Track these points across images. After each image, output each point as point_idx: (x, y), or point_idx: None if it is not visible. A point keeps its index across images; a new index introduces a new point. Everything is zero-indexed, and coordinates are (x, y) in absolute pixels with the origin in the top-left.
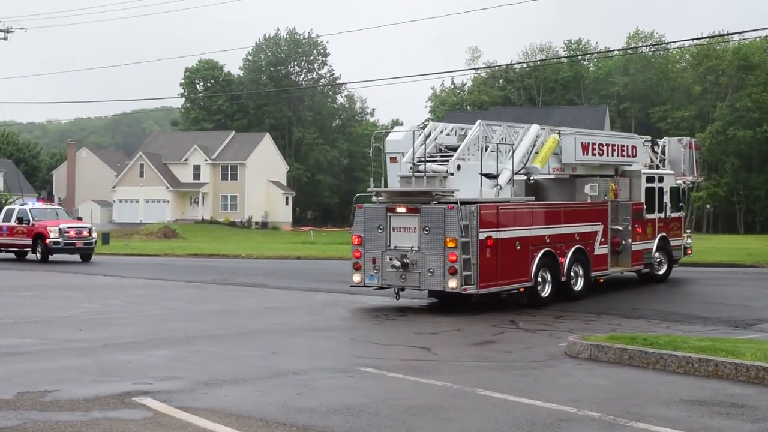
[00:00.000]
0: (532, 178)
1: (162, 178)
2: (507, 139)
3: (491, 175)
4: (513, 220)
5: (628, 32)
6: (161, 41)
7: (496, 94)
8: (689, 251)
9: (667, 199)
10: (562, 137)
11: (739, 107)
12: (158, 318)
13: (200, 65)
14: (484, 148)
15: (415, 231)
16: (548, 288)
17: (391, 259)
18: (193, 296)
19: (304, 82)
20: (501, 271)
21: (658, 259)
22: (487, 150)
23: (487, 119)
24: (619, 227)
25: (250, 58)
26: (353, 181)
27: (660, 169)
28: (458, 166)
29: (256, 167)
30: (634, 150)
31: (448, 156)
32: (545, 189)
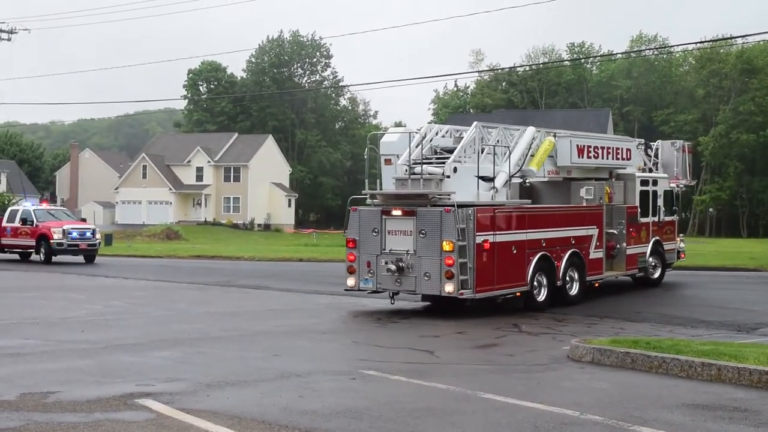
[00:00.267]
0: (528, 181)
1: (165, 180)
2: (503, 142)
3: (487, 178)
4: (510, 224)
5: (631, 35)
6: (164, 43)
7: (499, 97)
8: (682, 255)
9: (661, 202)
10: (557, 140)
11: (743, 111)
12: (161, 320)
13: (203, 67)
14: (480, 151)
15: (411, 234)
16: (544, 292)
17: (387, 263)
18: (195, 298)
19: (307, 84)
20: (497, 275)
21: (652, 263)
22: (484, 152)
23: (492, 122)
24: (614, 231)
25: (254, 59)
26: (356, 183)
27: (653, 172)
28: (454, 169)
29: (259, 169)
30: (629, 153)
31: (444, 158)
32: (539, 192)
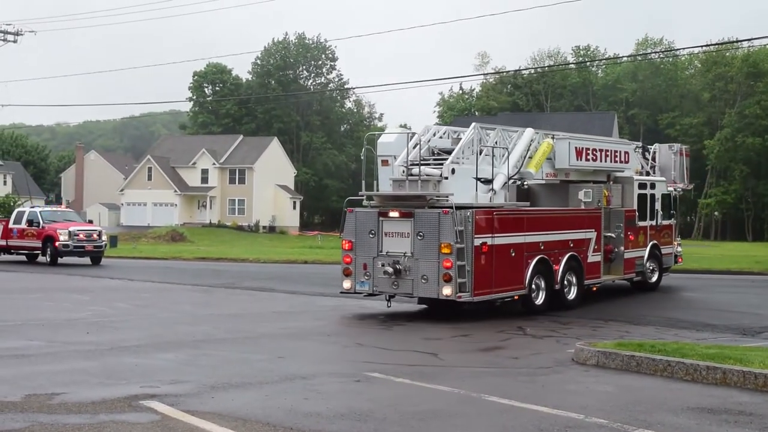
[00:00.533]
0: (526, 184)
1: (170, 182)
2: (501, 143)
3: (486, 180)
4: (508, 226)
5: (637, 38)
6: (170, 45)
7: (505, 100)
8: (680, 259)
9: (658, 206)
10: (556, 142)
11: (748, 114)
12: (165, 321)
13: (209, 69)
14: (479, 152)
15: (408, 236)
16: (542, 296)
17: (383, 265)
18: (200, 300)
19: (312, 87)
20: (496, 278)
21: (650, 268)
22: (482, 153)
23: (497, 124)
24: (612, 234)
25: (259, 62)
26: (361, 185)
27: (651, 175)
28: (452, 170)
29: (264, 171)
30: (627, 156)
31: (442, 159)
32: (537, 194)
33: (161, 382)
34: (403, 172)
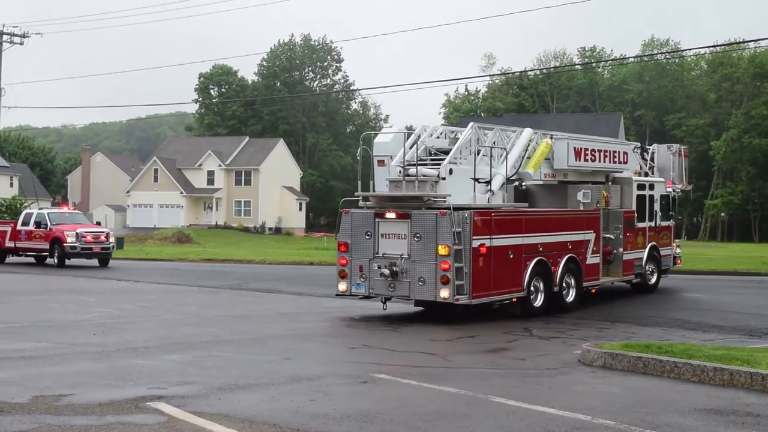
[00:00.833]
0: (524, 184)
1: (176, 183)
2: (499, 143)
3: (483, 180)
4: (506, 228)
5: (643, 39)
6: (176, 47)
7: (510, 101)
8: (678, 261)
9: (657, 207)
10: (554, 142)
11: (755, 115)
12: (172, 323)
13: (214, 71)
14: (476, 152)
15: (405, 238)
16: (541, 298)
17: (380, 267)
18: (206, 301)
19: (318, 88)
20: (494, 280)
21: (649, 269)
22: (480, 154)
23: (503, 125)
24: (611, 236)
25: (265, 63)
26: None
27: (649, 176)
28: (450, 170)
29: (270, 173)
30: (626, 156)
31: (439, 159)
32: (535, 195)
33: (168, 383)
34: (400, 172)
